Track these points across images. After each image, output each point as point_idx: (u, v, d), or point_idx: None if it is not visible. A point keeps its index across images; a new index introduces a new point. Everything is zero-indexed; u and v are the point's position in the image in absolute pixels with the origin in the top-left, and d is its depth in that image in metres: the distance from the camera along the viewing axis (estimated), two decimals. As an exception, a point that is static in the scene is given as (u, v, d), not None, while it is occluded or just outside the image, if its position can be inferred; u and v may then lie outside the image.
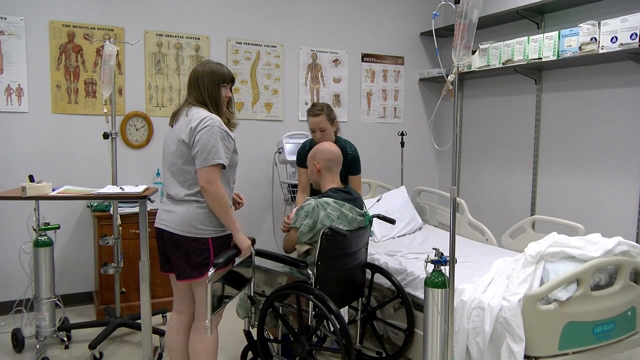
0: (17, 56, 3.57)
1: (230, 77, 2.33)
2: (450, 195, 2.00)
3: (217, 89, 2.28)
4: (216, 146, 2.14)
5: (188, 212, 2.19)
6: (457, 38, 1.84)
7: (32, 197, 2.53)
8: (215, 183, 2.14)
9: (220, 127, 2.18)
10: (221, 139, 2.16)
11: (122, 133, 3.89)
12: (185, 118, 2.22)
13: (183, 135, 2.18)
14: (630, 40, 3.09)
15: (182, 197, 2.20)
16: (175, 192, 2.22)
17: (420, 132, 5.08)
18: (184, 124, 2.20)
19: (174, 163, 2.23)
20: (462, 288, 2.41)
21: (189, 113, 2.23)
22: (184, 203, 2.20)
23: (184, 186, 2.21)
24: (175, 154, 2.22)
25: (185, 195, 2.20)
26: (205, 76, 2.26)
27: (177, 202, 2.21)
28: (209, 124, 2.15)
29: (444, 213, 3.94)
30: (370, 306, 2.89)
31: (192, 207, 2.19)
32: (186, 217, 2.18)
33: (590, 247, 2.30)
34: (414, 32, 4.97)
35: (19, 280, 3.36)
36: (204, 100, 2.26)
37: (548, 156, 4.02)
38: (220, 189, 2.16)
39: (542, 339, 2.14)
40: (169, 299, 3.67)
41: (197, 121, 2.15)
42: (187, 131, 2.16)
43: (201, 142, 2.12)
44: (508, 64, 3.94)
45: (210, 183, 2.13)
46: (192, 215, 2.19)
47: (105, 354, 3.02)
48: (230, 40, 4.23)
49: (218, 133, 2.15)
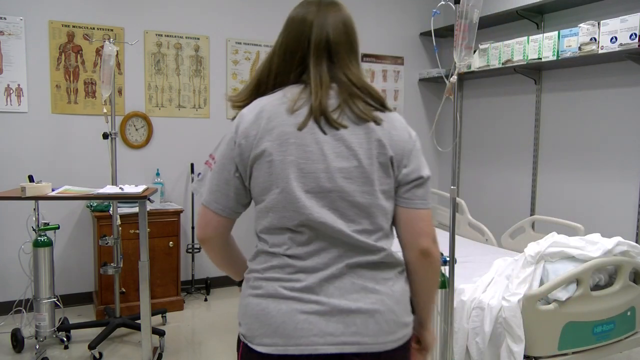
0: (17, 56, 3.56)
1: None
2: (450, 195, 2.00)
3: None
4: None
5: (397, 292, 1.17)
6: (459, 38, 1.84)
7: (32, 197, 2.53)
8: (437, 241, 1.21)
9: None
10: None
11: (121, 133, 3.89)
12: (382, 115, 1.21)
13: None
14: (630, 40, 3.09)
15: (389, 258, 1.17)
16: (370, 244, 1.14)
17: (420, 132, 5.05)
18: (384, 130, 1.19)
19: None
20: (462, 288, 2.41)
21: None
22: (391, 273, 1.17)
23: (382, 239, 1.17)
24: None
25: (393, 253, 1.18)
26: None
27: (378, 273, 1.15)
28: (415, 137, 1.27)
29: (443, 213, 3.94)
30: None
31: (402, 283, 1.20)
32: (397, 306, 1.16)
33: (589, 247, 2.30)
34: (413, 32, 4.97)
35: (18, 281, 3.35)
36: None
37: (548, 156, 4.02)
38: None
39: (542, 339, 2.14)
40: (168, 299, 3.69)
41: (405, 127, 1.28)
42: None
43: (424, 165, 1.25)
44: (508, 64, 3.94)
45: (435, 241, 1.21)
46: (404, 297, 1.19)
47: (105, 354, 3.02)
48: (230, 40, 4.23)
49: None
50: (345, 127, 1.13)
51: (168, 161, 4.04)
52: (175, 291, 3.77)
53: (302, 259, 1.11)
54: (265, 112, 1.14)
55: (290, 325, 1.08)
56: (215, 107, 4.20)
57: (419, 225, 1.17)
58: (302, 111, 1.12)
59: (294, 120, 1.12)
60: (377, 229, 1.15)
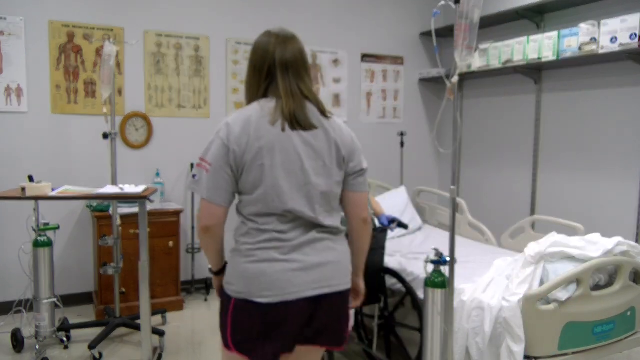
0: (17, 56, 3.56)
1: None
2: (450, 195, 2.00)
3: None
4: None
5: (347, 252, 1.66)
6: (460, 39, 1.84)
7: (32, 197, 2.53)
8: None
9: None
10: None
11: (121, 133, 3.89)
12: (327, 122, 1.60)
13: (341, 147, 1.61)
14: (630, 40, 3.09)
15: (339, 229, 1.63)
16: (330, 222, 1.60)
17: (420, 132, 5.08)
18: (334, 130, 1.60)
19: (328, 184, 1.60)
20: (462, 288, 2.41)
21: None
22: (341, 240, 1.64)
23: (334, 216, 1.64)
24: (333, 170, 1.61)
25: (340, 224, 1.65)
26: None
27: (334, 239, 1.60)
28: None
29: (443, 213, 3.94)
30: (387, 311, 2.81)
31: (346, 244, 1.68)
32: (345, 259, 1.65)
33: (590, 247, 2.30)
34: (413, 32, 4.97)
35: (18, 281, 3.35)
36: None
37: (548, 156, 4.02)
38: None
39: (542, 339, 2.14)
40: (168, 299, 3.69)
41: (348, 130, 1.66)
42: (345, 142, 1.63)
43: (364, 159, 1.67)
44: (508, 64, 3.94)
45: (369, 214, 1.72)
46: (348, 254, 1.67)
47: (105, 354, 3.02)
48: (230, 40, 4.23)
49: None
50: (310, 130, 1.53)
51: (168, 161, 4.04)
52: (175, 291, 3.77)
53: (285, 233, 1.51)
54: (252, 123, 1.49)
55: (283, 280, 1.48)
56: (215, 107, 4.20)
57: (361, 203, 1.66)
58: (280, 122, 1.50)
59: (275, 131, 1.49)
60: (332, 209, 1.60)
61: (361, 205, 1.65)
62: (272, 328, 1.49)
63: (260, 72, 1.56)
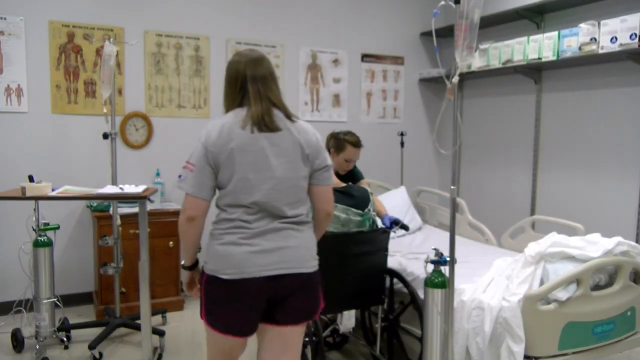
0: (17, 56, 3.57)
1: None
2: (450, 195, 2.00)
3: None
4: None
5: (309, 238, 1.87)
6: (460, 39, 1.84)
7: (32, 197, 2.54)
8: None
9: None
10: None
11: (121, 133, 3.89)
12: (292, 125, 1.83)
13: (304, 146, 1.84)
14: (630, 40, 3.09)
15: (303, 219, 1.85)
16: (294, 212, 1.82)
17: (420, 132, 5.08)
18: (298, 132, 1.83)
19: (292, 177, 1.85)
20: (462, 288, 2.41)
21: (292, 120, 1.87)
22: (305, 228, 1.86)
23: (299, 207, 1.86)
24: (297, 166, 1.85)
25: (306, 215, 1.87)
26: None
27: (296, 227, 1.82)
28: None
29: (443, 213, 3.94)
30: (392, 314, 2.79)
31: (311, 233, 1.90)
32: (309, 245, 1.86)
33: (590, 247, 2.30)
34: (413, 32, 4.97)
35: (18, 281, 3.35)
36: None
37: (548, 156, 4.02)
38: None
39: (542, 339, 2.14)
40: (168, 299, 3.69)
41: (313, 132, 1.89)
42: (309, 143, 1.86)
43: (328, 157, 1.93)
44: (508, 64, 3.94)
45: (333, 207, 1.99)
46: (313, 241, 1.89)
47: (105, 354, 3.02)
48: (230, 40, 4.23)
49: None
50: (276, 132, 1.76)
51: (168, 161, 4.04)
52: (175, 291, 3.77)
53: (250, 222, 1.75)
54: (226, 129, 1.74)
55: (245, 260, 1.72)
56: (215, 107, 4.20)
57: (327, 196, 1.90)
58: (249, 126, 1.74)
59: (245, 134, 1.74)
60: (298, 200, 1.82)
61: (326, 198, 1.90)
62: (234, 300, 1.73)
63: (234, 86, 1.82)
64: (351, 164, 3.09)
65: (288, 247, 1.76)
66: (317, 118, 4.60)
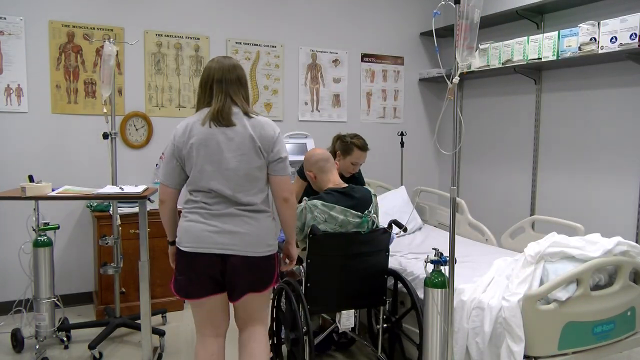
0: (17, 56, 3.57)
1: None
2: (450, 195, 2.00)
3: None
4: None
5: (263, 226, 2.07)
6: (460, 39, 1.84)
7: (32, 197, 2.53)
8: (293, 194, 2.17)
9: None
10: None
11: (121, 133, 3.89)
12: (248, 120, 2.04)
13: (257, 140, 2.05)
14: (630, 40, 3.09)
15: (259, 207, 2.07)
16: (248, 200, 2.05)
17: (420, 132, 5.08)
18: (253, 126, 2.04)
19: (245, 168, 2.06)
20: (462, 288, 2.41)
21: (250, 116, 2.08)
22: (261, 217, 2.07)
23: (256, 195, 2.08)
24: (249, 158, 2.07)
25: (262, 204, 2.08)
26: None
27: (251, 215, 2.05)
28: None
29: (443, 213, 3.94)
30: (394, 316, 2.77)
31: (269, 222, 2.11)
32: (261, 233, 2.07)
33: (589, 247, 2.30)
34: (414, 32, 4.97)
35: (18, 281, 3.35)
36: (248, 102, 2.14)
37: (548, 156, 4.02)
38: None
39: (542, 339, 2.14)
40: (168, 299, 3.69)
41: (272, 127, 2.09)
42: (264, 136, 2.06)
43: (283, 149, 2.11)
44: (508, 64, 3.94)
45: (291, 194, 2.14)
46: (267, 229, 2.09)
47: (105, 354, 3.02)
48: (229, 41, 4.23)
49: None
50: (231, 127, 2.00)
51: (168, 161, 4.04)
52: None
53: (210, 205, 2.02)
54: (189, 127, 2.03)
55: (201, 237, 2.00)
56: (215, 107, 4.19)
57: (281, 185, 2.10)
58: (208, 122, 2.00)
59: (204, 129, 2.00)
60: (252, 189, 2.04)
61: (282, 186, 2.09)
62: (190, 269, 2.05)
63: (205, 88, 2.06)
64: (357, 167, 3.09)
65: (239, 233, 2.00)
66: (317, 118, 4.60)
